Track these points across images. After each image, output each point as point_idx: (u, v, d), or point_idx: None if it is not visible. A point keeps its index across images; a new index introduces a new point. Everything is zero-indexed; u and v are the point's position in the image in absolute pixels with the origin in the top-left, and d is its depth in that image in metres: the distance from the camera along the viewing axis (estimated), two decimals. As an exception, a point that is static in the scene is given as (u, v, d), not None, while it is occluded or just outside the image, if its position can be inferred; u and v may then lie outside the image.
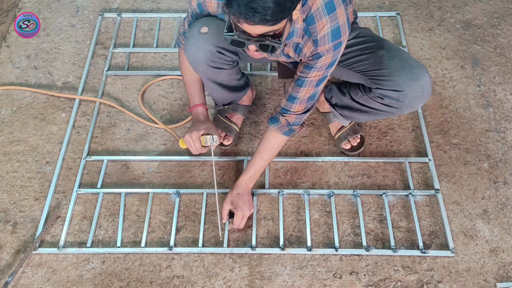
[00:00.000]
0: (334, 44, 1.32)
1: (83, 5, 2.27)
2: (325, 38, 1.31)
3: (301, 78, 1.42)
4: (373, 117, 1.60)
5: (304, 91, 1.43)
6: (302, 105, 1.48)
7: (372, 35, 1.56)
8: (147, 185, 1.72)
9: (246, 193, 1.59)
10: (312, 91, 1.44)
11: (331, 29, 1.30)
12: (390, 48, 1.49)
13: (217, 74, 1.54)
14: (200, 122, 1.59)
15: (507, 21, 2.17)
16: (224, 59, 1.49)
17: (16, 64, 2.07)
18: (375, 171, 1.74)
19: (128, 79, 2.01)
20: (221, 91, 1.64)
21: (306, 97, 1.45)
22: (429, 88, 1.45)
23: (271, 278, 1.52)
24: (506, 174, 1.73)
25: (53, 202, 1.69)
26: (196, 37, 1.43)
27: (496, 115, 1.87)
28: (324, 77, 1.42)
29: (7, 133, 1.86)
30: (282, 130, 1.53)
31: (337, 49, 1.34)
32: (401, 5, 2.24)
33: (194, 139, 1.55)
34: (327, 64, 1.37)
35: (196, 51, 1.45)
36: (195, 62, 1.49)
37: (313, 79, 1.40)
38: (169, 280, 1.52)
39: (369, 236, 1.60)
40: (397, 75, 1.43)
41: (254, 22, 1.11)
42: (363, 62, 1.50)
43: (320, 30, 1.30)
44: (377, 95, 1.48)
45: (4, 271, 1.54)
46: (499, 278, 1.51)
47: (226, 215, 1.59)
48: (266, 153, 1.58)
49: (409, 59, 1.47)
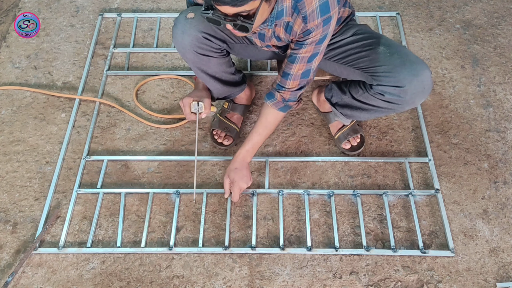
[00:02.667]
0: (323, 19, 1.33)
1: (83, 5, 2.27)
2: (314, 13, 1.31)
3: (293, 55, 1.43)
4: (374, 115, 1.61)
5: (297, 67, 1.44)
6: (296, 81, 1.49)
7: (371, 31, 1.56)
8: (147, 185, 1.73)
9: (244, 167, 1.63)
10: (305, 68, 1.45)
11: (319, 3, 1.30)
12: (390, 45, 1.49)
13: (206, 63, 1.55)
14: (197, 90, 1.66)
15: (507, 21, 2.17)
16: (211, 46, 1.50)
17: (16, 64, 2.07)
18: (375, 171, 1.74)
19: (128, 79, 2.01)
20: (214, 84, 1.65)
21: (299, 74, 1.46)
22: (430, 84, 1.45)
23: (271, 278, 1.52)
24: (506, 174, 1.73)
25: (53, 202, 1.69)
26: (182, 22, 1.46)
27: (496, 115, 1.87)
28: (316, 53, 1.42)
29: (7, 133, 1.86)
30: (278, 106, 1.56)
31: (326, 24, 1.35)
32: (401, 5, 2.25)
33: (185, 104, 1.60)
34: (317, 40, 1.38)
35: (182, 36, 1.47)
36: (181, 47, 1.50)
37: (305, 55, 1.42)
38: (169, 280, 1.52)
39: (369, 236, 1.60)
40: (398, 71, 1.43)
41: (221, 3, 1.16)
42: (363, 59, 1.50)
43: (309, 6, 1.30)
44: (378, 92, 1.48)
45: (4, 271, 1.54)
46: (499, 278, 1.51)
47: (227, 190, 1.64)
48: (262, 128, 1.60)
49: (409, 55, 1.47)
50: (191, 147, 1.81)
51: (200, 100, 1.61)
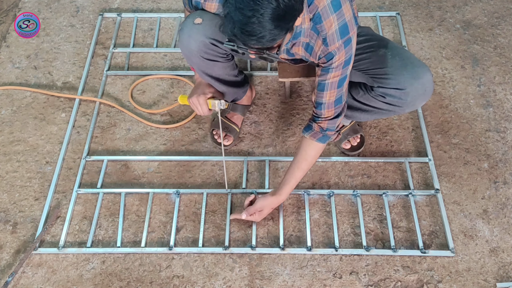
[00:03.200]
0: (343, 41, 1.32)
1: (83, 5, 2.27)
2: (334, 36, 1.31)
3: (322, 82, 1.40)
4: (374, 116, 1.60)
5: (328, 94, 1.41)
6: (331, 110, 1.45)
7: (373, 34, 1.56)
8: (147, 185, 1.72)
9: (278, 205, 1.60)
10: (336, 94, 1.42)
11: (338, 26, 1.30)
12: (391, 47, 1.49)
13: (211, 67, 1.53)
14: (205, 85, 1.60)
15: (507, 21, 2.17)
16: (217, 51, 1.48)
17: (16, 64, 2.07)
18: (375, 171, 1.74)
19: (128, 79, 2.01)
20: (220, 86, 1.62)
21: (332, 101, 1.43)
22: (431, 87, 1.46)
23: (271, 278, 1.52)
24: (506, 174, 1.73)
25: (53, 202, 1.69)
26: (190, 27, 1.43)
27: (496, 115, 1.87)
28: (344, 77, 1.40)
29: (7, 133, 1.86)
30: (316, 136, 1.50)
31: (348, 46, 1.34)
32: (401, 5, 2.24)
33: (202, 103, 1.55)
34: (342, 63, 1.36)
35: (189, 41, 1.44)
36: (188, 52, 1.48)
37: (334, 81, 1.39)
38: (169, 280, 1.52)
39: (369, 236, 1.60)
40: (399, 73, 1.43)
41: (251, 44, 1.13)
42: (364, 61, 1.50)
43: (329, 28, 1.30)
44: (379, 94, 1.48)
45: (4, 271, 1.54)
46: (499, 278, 1.51)
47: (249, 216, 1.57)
48: (304, 163, 1.54)
49: (410, 57, 1.47)
50: (191, 147, 1.81)
51: (214, 96, 1.58)
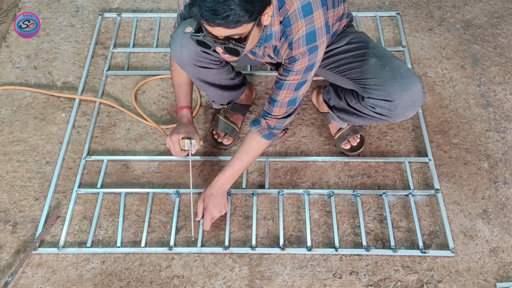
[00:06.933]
0: (309, 48, 1.31)
1: (83, 5, 2.28)
2: (300, 41, 1.30)
3: (280, 81, 1.41)
4: (369, 122, 1.60)
5: (284, 94, 1.42)
6: (283, 109, 1.46)
7: (365, 40, 1.54)
8: (147, 185, 1.73)
9: (221, 194, 1.57)
10: (292, 95, 1.42)
11: (306, 32, 1.29)
12: (382, 56, 1.47)
13: (205, 74, 1.53)
14: (183, 125, 1.57)
15: (507, 21, 2.17)
16: (210, 59, 1.48)
17: (16, 64, 2.07)
18: (375, 171, 1.74)
19: (128, 79, 2.01)
20: (214, 90, 1.63)
21: (286, 101, 1.44)
22: (420, 98, 1.43)
23: (271, 278, 1.52)
24: (506, 174, 1.73)
25: (53, 202, 1.69)
26: (181, 36, 1.43)
27: (496, 115, 1.87)
28: (303, 82, 1.40)
29: (7, 133, 1.86)
30: (263, 133, 1.52)
31: (312, 53, 1.33)
32: (401, 5, 2.25)
33: (174, 142, 1.53)
34: (304, 68, 1.36)
35: (181, 50, 1.45)
36: (180, 61, 1.49)
37: (292, 83, 1.39)
38: (169, 280, 1.52)
39: (369, 236, 1.60)
40: (388, 85, 1.41)
41: (215, 24, 1.13)
42: (355, 70, 1.49)
43: (296, 33, 1.29)
44: (368, 104, 1.47)
45: (4, 271, 1.54)
46: (499, 278, 1.51)
47: (200, 214, 1.58)
48: (245, 155, 1.55)
49: (400, 67, 1.44)
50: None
51: (189, 136, 1.54)
